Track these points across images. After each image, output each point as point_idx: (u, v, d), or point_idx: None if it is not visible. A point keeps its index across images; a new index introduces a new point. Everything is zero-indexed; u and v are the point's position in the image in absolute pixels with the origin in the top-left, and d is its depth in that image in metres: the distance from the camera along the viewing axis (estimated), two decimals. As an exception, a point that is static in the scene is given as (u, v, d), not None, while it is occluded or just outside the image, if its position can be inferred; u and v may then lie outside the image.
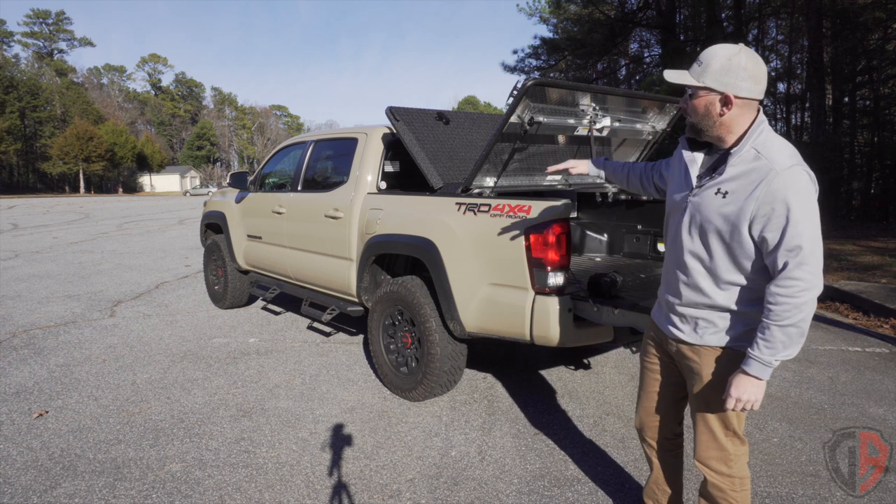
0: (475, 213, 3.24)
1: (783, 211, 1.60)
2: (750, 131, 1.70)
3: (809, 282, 1.59)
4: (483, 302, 3.21)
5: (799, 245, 1.59)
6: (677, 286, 1.89)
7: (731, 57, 1.68)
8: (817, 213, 1.62)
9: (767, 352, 1.65)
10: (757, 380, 1.69)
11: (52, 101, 67.78)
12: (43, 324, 5.62)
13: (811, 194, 1.62)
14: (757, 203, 1.63)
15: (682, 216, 1.84)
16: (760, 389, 1.69)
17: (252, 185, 5.57)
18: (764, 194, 1.62)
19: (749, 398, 1.70)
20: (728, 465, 1.91)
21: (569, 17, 23.02)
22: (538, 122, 3.50)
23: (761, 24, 22.59)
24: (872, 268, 7.75)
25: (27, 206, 30.85)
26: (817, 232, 1.61)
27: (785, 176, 1.61)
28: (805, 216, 1.59)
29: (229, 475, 2.82)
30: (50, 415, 3.51)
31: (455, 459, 2.97)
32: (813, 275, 1.60)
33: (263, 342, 5.01)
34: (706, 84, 1.70)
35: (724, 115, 1.71)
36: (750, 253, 1.70)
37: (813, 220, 1.61)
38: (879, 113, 18.75)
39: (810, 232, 1.59)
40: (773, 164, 1.63)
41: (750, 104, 1.70)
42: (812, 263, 1.59)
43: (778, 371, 4.25)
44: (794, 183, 1.60)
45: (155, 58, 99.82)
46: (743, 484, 1.93)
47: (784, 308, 1.61)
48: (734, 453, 1.91)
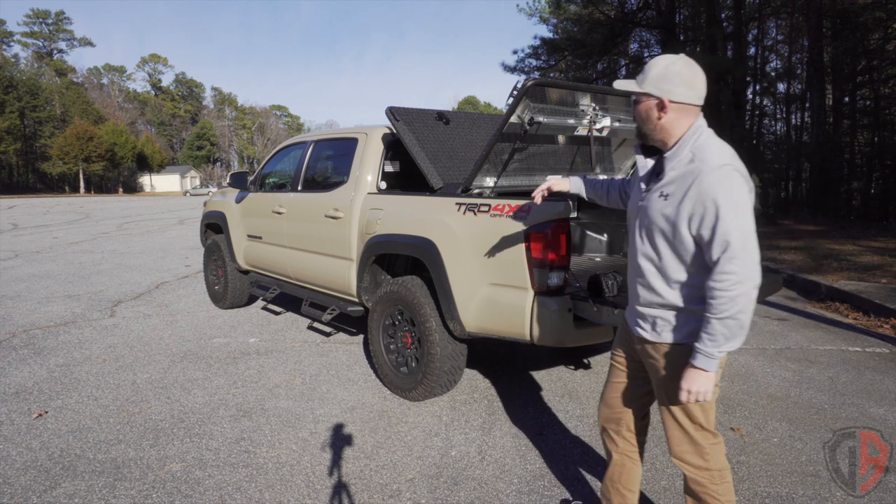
0: (475, 213, 3.24)
1: (713, 209, 1.67)
2: (687, 135, 1.80)
3: (741, 275, 1.65)
4: (483, 302, 3.21)
5: (727, 240, 1.66)
6: (636, 287, 1.97)
7: (668, 65, 1.79)
8: (747, 210, 1.68)
9: (710, 344, 1.72)
10: (704, 372, 1.75)
11: (51, 101, 67.77)
12: (43, 324, 5.62)
13: (740, 192, 1.68)
14: (691, 203, 1.72)
15: (635, 220, 1.95)
16: (709, 381, 1.76)
17: (252, 185, 5.57)
18: (696, 194, 1.70)
19: (698, 389, 1.77)
20: (704, 458, 1.94)
21: (569, 17, 23.02)
22: (538, 122, 3.50)
23: (761, 24, 22.59)
24: (872, 268, 7.75)
25: (27, 206, 30.86)
26: (747, 227, 1.67)
27: (714, 175, 1.69)
28: (733, 212, 1.66)
29: (229, 475, 2.82)
30: (49, 415, 3.51)
31: (455, 459, 2.97)
32: (744, 268, 1.66)
33: (263, 342, 5.01)
34: (646, 90, 1.81)
35: (661, 119, 1.81)
36: (692, 252, 1.77)
37: (741, 216, 1.67)
38: (879, 113, 18.75)
39: (739, 227, 1.66)
40: (705, 164, 1.72)
41: (687, 109, 1.80)
42: (742, 257, 1.65)
43: (778, 371, 4.25)
44: (723, 181, 1.68)
45: (155, 58, 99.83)
46: (722, 476, 1.96)
47: (720, 301, 1.67)
48: (707, 446, 1.94)
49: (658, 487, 2.71)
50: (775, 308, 6.26)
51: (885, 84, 18.99)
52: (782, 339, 5.12)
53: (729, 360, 4.49)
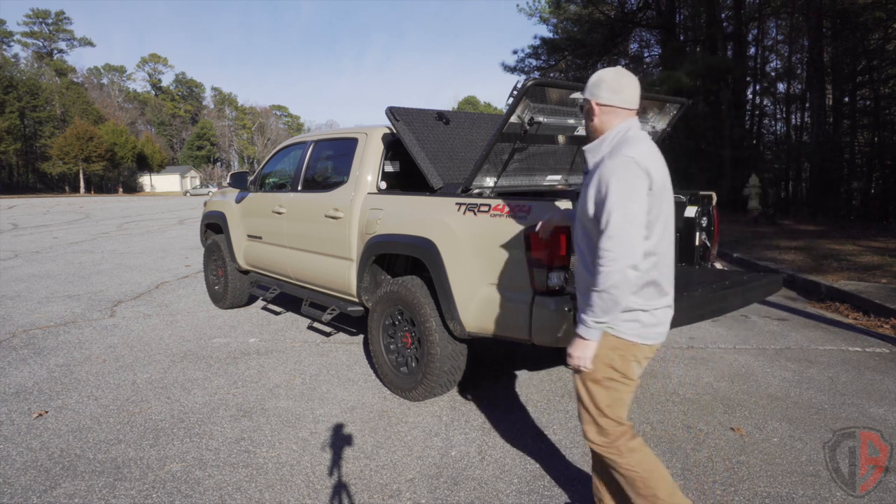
0: (475, 213, 3.24)
1: (605, 189, 1.85)
2: (611, 133, 1.98)
3: (615, 252, 1.80)
4: (483, 302, 3.21)
5: (608, 220, 1.82)
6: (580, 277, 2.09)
7: (602, 74, 2.01)
8: (632, 195, 1.82)
9: (590, 314, 1.89)
10: (584, 340, 1.92)
11: (51, 101, 67.75)
12: (43, 324, 5.62)
13: (633, 180, 1.83)
14: (595, 186, 1.91)
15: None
16: (587, 349, 1.93)
17: (252, 185, 5.57)
18: (598, 178, 1.89)
19: (577, 355, 1.95)
20: (607, 435, 2.03)
21: (569, 17, 23.03)
22: (538, 122, 3.49)
23: (761, 24, 22.59)
24: (872, 268, 7.75)
25: (27, 206, 30.86)
26: (628, 211, 1.81)
27: (614, 162, 1.86)
28: (617, 195, 1.82)
29: (229, 475, 2.82)
30: (49, 415, 3.51)
31: (455, 459, 2.97)
32: (618, 247, 1.80)
33: (263, 342, 5.01)
34: (585, 95, 2.05)
35: (594, 120, 2.02)
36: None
37: (623, 199, 1.81)
38: (879, 113, 18.75)
39: (620, 209, 1.81)
40: (613, 155, 1.90)
41: (615, 111, 1.99)
42: (618, 237, 1.80)
43: (778, 371, 4.25)
44: (619, 167, 1.85)
45: (155, 58, 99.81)
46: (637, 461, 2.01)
47: (597, 276, 1.84)
48: (612, 432, 2.02)
49: (658, 487, 2.71)
50: (775, 308, 6.26)
51: (885, 84, 18.99)
52: (782, 339, 5.12)
53: (729, 360, 4.49)
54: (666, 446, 3.10)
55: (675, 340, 5.02)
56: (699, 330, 5.35)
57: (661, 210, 1.91)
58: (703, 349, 4.81)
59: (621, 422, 2.02)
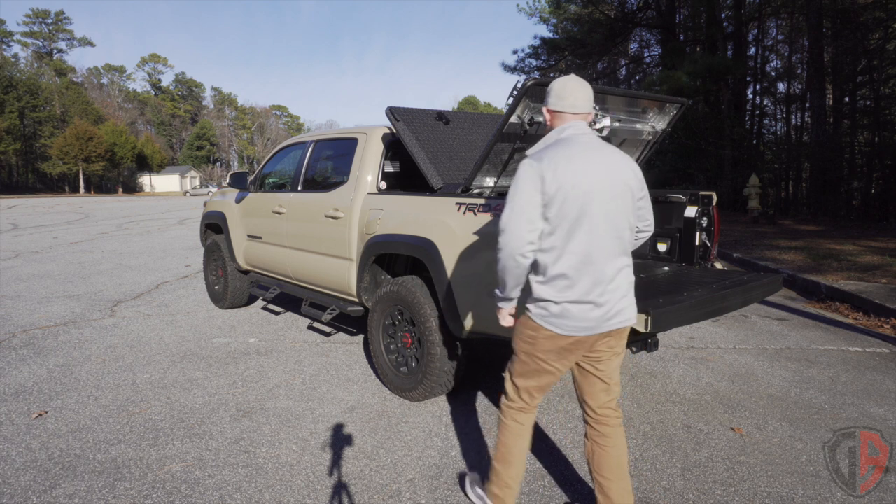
0: (475, 213, 3.24)
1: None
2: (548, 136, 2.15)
3: (501, 243, 2.05)
4: (483, 302, 3.21)
5: (501, 214, 2.06)
6: None
7: (553, 82, 2.20)
8: (519, 192, 2.01)
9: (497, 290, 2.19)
10: (499, 308, 2.23)
11: (51, 100, 67.74)
12: (43, 324, 5.62)
13: (522, 177, 2.02)
14: None
15: None
16: (500, 315, 2.24)
17: (252, 185, 5.57)
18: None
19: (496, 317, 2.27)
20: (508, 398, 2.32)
21: (569, 17, 23.02)
22: (538, 122, 3.49)
23: (761, 24, 22.59)
24: (872, 268, 7.75)
25: (27, 206, 30.86)
26: (514, 205, 2.01)
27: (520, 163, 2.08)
28: (510, 191, 2.04)
29: (229, 475, 2.82)
30: (49, 415, 3.51)
31: (455, 459, 2.97)
32: (504, 239, 2.03)
33: (263, 342, 5.01)
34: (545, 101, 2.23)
35: (549, 122, 2.21)
36: None
37: (512, 195, 2.03)
38: (880, 113, 18.75)
39: (509, 204, 2.03)
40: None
41: (559, 115, 2.16)
42: (505, 230, 2.03)
43: (778, 371, 4.25)
44: (519, 167, 2.05)
45: (155, 58, 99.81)
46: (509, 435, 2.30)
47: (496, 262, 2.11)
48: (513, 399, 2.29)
49: (658, 487, 2.71)
50: (775, 308, 6.26)
51: (885, 84, 18.99)
52: (782, 339, 5.12)
53: (729, 360, 4.49)
54: (666, 446, 3.10)
55: (675, 340, 5.02)
56: (699, 330, 5.35)
57: (571, 211, 1.97)
58: (703, 349, 4.81)
59: (523, 397, 2.26)
